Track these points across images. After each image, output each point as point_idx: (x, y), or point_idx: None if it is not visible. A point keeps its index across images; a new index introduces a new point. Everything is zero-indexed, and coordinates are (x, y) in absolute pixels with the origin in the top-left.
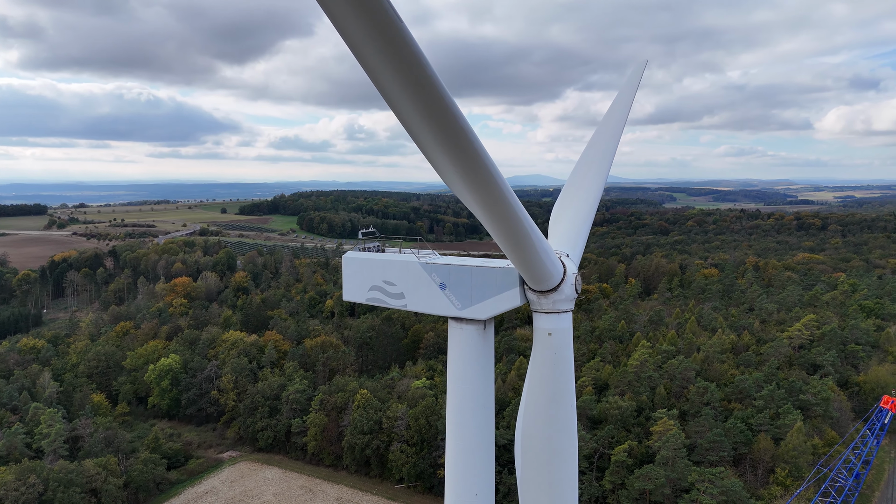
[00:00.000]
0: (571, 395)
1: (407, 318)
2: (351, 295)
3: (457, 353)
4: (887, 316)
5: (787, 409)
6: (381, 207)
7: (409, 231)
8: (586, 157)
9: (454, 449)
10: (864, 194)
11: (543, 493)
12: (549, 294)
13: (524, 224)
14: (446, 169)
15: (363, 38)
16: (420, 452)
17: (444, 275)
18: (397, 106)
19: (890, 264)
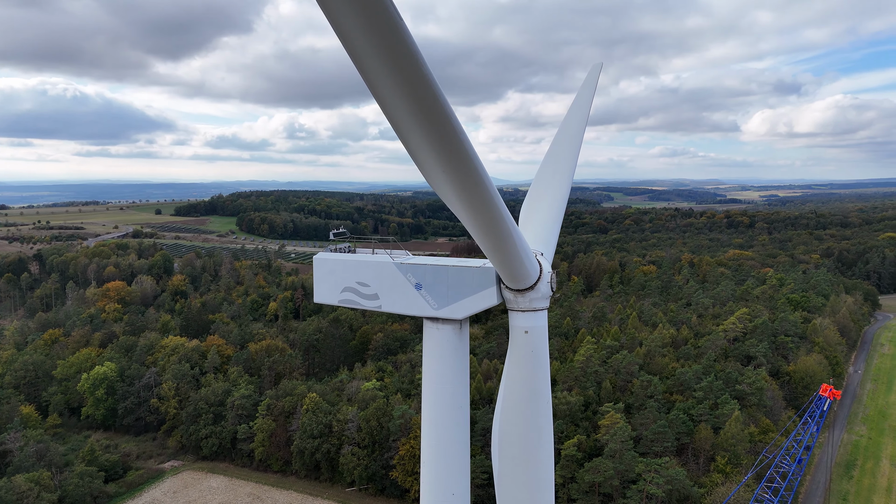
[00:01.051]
0: (548, 392)
1: (355, 320)
2: (322, 297)
3: (433, 353)
4: (813, 308)
5: (724, 400)
6: (323, 208)
7: (354, 231)
8: (551, 158)
9: (430, 449)
10: (787, 193)
11: (521, 489)
12: (527, 292)
13: (507, 224)
14: (433, 168)
15: (360, 34)
16: (372, 454)
17: (419, 275)
18: (388, 103)
19: (813, 259)
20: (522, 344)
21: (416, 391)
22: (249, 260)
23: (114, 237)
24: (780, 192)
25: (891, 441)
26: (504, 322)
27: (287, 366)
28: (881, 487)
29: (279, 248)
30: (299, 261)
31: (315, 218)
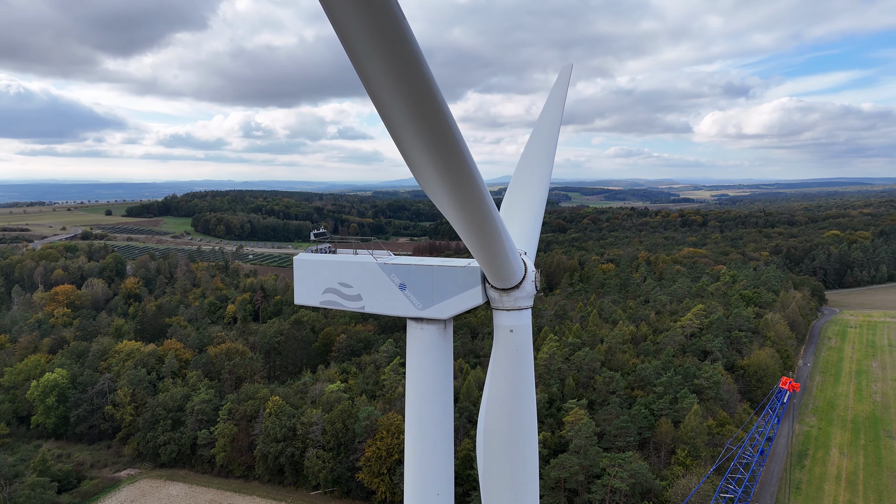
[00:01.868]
0: (532, 389)
1: (317, 321)
2: (303, 298)
3: (417, 354)
4: (764, 304)
5: (683, 394)
6: (282, 208)
7: None
8: (527, 159)
9: (415, 449)
10: (737, 193)
11: (506, 487)
12: (512, 291)
13: (497, 224)
14: (425, 167)
15: (363, 31)
16: (337, 457)
17: (403, 275)
18: (384, 100)
19: (763, 257)
20: (507, 343)
21: (381, 392)
22: (206, 261)
23: (62, 239)
24: (730, 192)
25: (839, 431)
26: (468, 321)
27: (248, 369)
28: (831, 475)
29: (237, 249)
30: (257, 262)
31: (273, 218)
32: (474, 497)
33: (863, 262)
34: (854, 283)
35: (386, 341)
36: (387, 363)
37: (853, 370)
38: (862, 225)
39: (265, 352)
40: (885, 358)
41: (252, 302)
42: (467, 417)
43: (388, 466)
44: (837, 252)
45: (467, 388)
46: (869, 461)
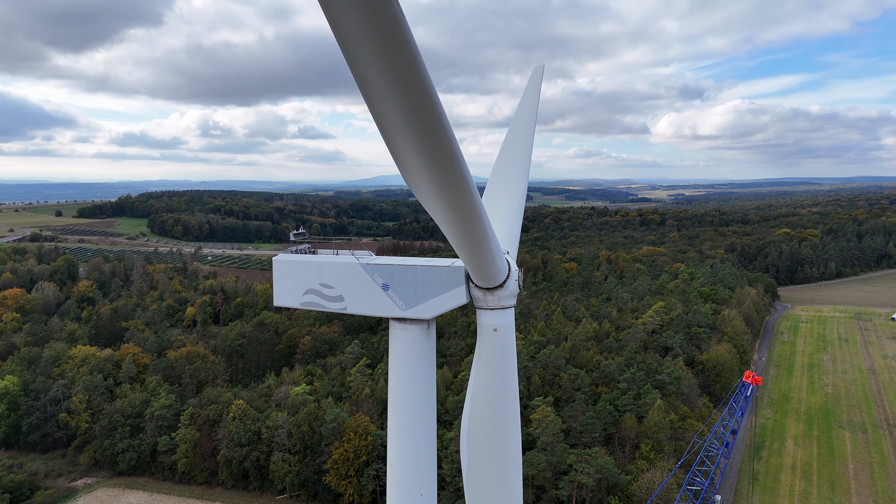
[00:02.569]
0: (516, 389)
1: (280, 323)
2: (283, 300)
3: (400, 354)
4: (721, 300)
5: (646, 390)
6: (241, 208)
7: (275, 232)
8: (504, 159)
9: (397, 451)
10: (693, 192)
11: (491, 488)
12: (496, 290)
13: (485, 224)
14: (415, 165)
15: (358, 24)
16: (304, 460)
17: (386, 275)
18: (377, 96)
19: (718, 254)
20: (491, 342)
21: (348, 394)
22: (163, 263)
23: (9, 241)
24: (686, 191)
25: (794, 423)
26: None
27: (210, 373)
28: (787, 466)
29: (195, 250)
30: (217, 263)
31: (232, 219)
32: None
33: (812, 259)
34: (804, 280)
35: (352, 342)
36: (353, 364)
37: (805, 364)
38: (811, 223)
39: (227, 355)
40: (835, 351)
41: (212, 304)
42: None
43: (356, 468)
44: (788, 250)
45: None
46: (822, 451)
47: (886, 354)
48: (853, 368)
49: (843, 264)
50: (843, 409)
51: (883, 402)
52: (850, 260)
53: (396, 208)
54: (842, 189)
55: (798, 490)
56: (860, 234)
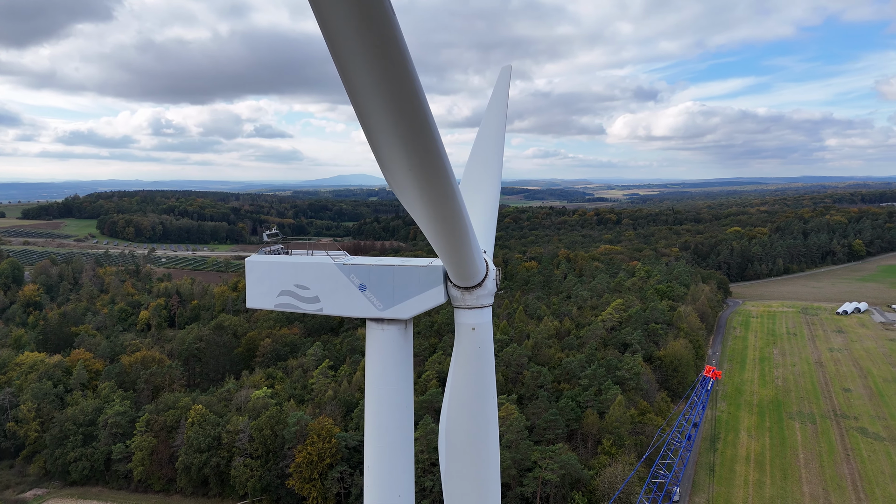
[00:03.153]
0: (494, 388)
1: (239, 326)
2: (256, 301)
3: (377, 355)
4: (676, 297)
5: (607, 386)
6: (196, 209)
7: (231, 233)
8: (476, 159)
9: (375, 452)
10: (647, 192)
11: (470, 486)
12: (474, 290)
13: (467, 223)
14: (398, 163)
15: (346, 21)
16: (266, 465)
17: (363, 275)
18: (361, 91)
19: (673, 252)
20: (469, 341)
21: (310, 396)
22: (115, 266)
23: None
24: (640, 191)
25: (747, 415)
26: (344, 323)
27: (166, 378)
28: (741, 457)
29: (148, 252)
30: (171, 265)
31: (187, 219)
32: None
33: (761, 256)
34: (754, 276)
35: (313, 344)
36: (315, 367)
37: (757, 357)
38: (760, 222)
39: (184, 359)
40: (784, 345)
41: (167, 307)
42: None
43: (320, 471)
44: (739, 247)
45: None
46: (774, 442)
47: (832, 347)
48: (801, 361)
49: (790, 261)
50: (793, 401)
51: (830, 393)
52: (797, 257)
53: (356, 208)
54: (788, 189)
55: (752, 480)
56: (806, 232)
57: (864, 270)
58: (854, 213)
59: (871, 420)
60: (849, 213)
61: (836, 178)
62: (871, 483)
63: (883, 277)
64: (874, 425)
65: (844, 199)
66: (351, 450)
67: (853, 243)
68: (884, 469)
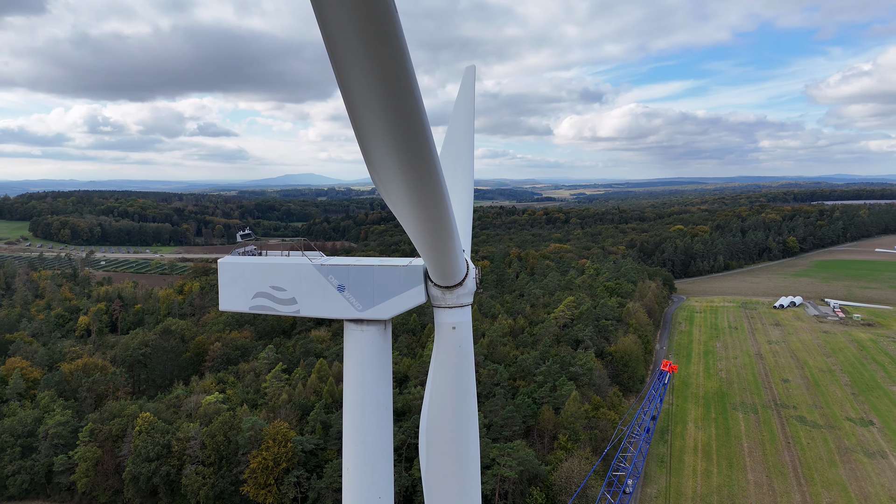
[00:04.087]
0: (474, 386)
1: (187, 330)
2: (230, 304)
3: (357, 356)
4: (625, 294)
5: (562, 382)
6: (137, 209)
7: (174, 234)
8: (447, 159)
9: (354, 454)
10: (593, 192)
11: (451, 484)
12: (455, 289)
13: (452, 222)
14: (388, 162)
15: (347, 20)
16: (219, 472)
17: (342, 276)
18: (357, 91)
19: (620, 250)
20: (450, 340)
21: (264, 401)
22: (50, 269)
23: None
24: (587, 191)
25: (693, 407)
26: (296, 325)
27: (110, 385)
28: (689, 448)
29: (87, 255)
30: (112, 268)
31: (127, 221)
32: None
33: (703, 253)
34: (697, 273)
35: (266, 347)
36: (268, 370)
37: (701, 351)
38: (701, 220)
39: (129, 365)
40: (726, 339)
41: (109, 312)
42: None
43: (276, 476)
44: (682, 245)
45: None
46: (720, 432)
47: (771, 340)
48: (743, 354)
49: (730, 258)
50: (736, 392)
51: (770, 384)
52: (736, 253)
53: (305, 208)
54: (726, 188)
55: (700, 469)
56: (744, 230)
57: (798, 266)
58: (788, 212)
59: (808, 409)
60: (783, 211)
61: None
62: (811, 469)
63: (816, 273)
64: (812, 414)
65: (778, 199)
66: (307, 453)
67: (787, 240)
68: (821, 455)
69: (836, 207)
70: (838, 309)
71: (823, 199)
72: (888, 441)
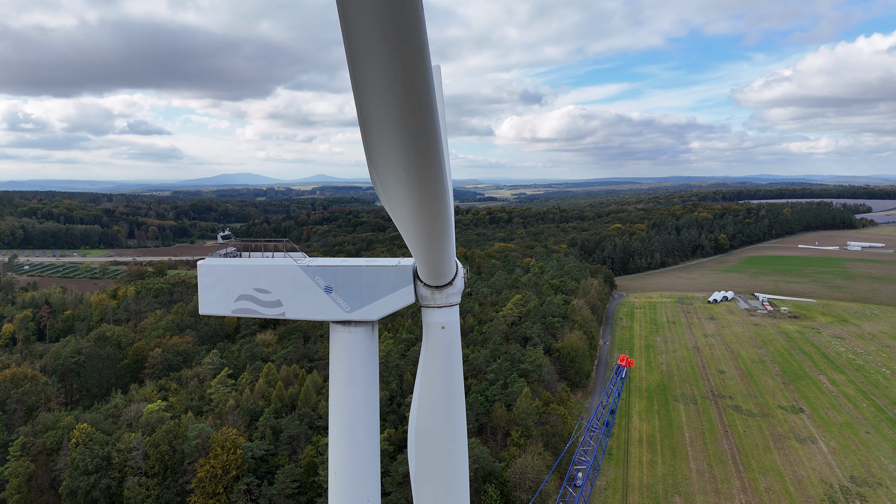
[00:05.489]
0: (462, 386)
1: (124, 336)
2: (212, 307)
3: (344, 358)
4: (569, 291)
5: (513, 379)
6: (63, 211)
7: (105, 236)
8: None
9: (342, 456)
10: (534, 192)
11: (440, 485)
12: (445, 288)
13: (451, 222)
14: (392, 160)
15: (371, 16)
16: (164, 482)
17: (329, 277)
18: (372, 88)
19: (562, 249)
20: (440, 340)
21: (210, 407)
22: None
23: None
24: (527, 191)
25: (637, 400)
26: (299, 325)
27: (41, 396)
28: (635, 439)
29: (9, 259)
30: (37, 273)
31: (52, 223)
32: None
33: (641, 251)
34: (635, 269)
35: (210, 353)
36: (212, 376)
37: (643, 345)
38: (638, 219)
39: (61, 375)
40: (665, 333)
41: (36, 319)
42: (308, 424)
43: (225, 484)
44: (621, 243)
45: (305, 394)
46: (663, 423)
47: (706, 333)
48: (681, 347)
49: (666, 255)
50: (676, 385)
51: (707, 375)
52: (672, 251)
53: (243, 209)
54: (659, 188)
55: (646, 460)
56: (678, 228)
57: (728, 262)
58: (718, 210)
59: (743, 398)
60: (714, 210)
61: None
62: (748, 455)
63: (745, 268)
64: (746, 403)
65: (708, 198)
66: (258, 460)
67: (718, 238)
68: (757, 442)
69: (762, 206)
70: (767, 302)
71: (749, 199)
72: (817, 427)
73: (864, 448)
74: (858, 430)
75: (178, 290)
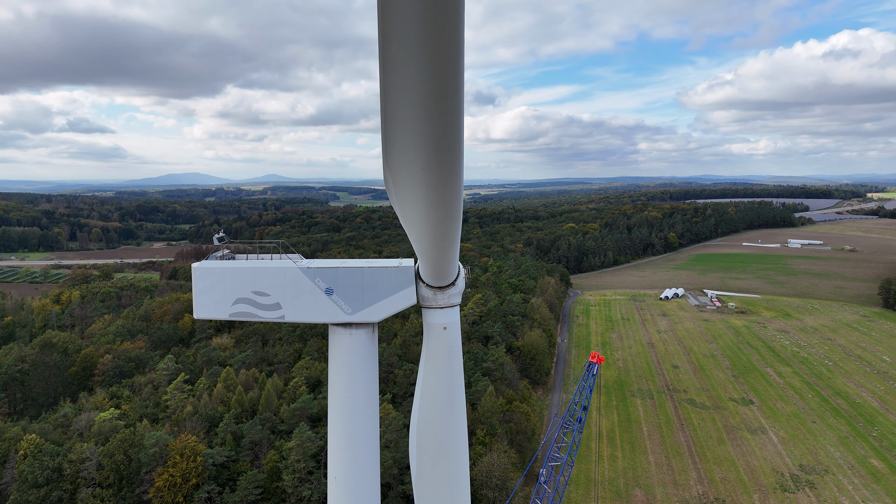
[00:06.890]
0: (463, 386)
1: (71, 343)
2: (207, 311)
3: (344, 361)
4: (527, 290)
5: (477, 378)
6: None
7: (44, 239)
8: None
9: (342, 460)
10: (488, 192)
11: (441, 486)
12: (447, 289)
13: (460, 223)
14: (410, 159)
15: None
16: (119, 493)
17: (330, 279)
18: (403, 84)
19: (518, 248)
20: (441, 341)
21: (166, 414)
22: None
23: None
24: (482, 191)
25: (596, 396)
26: (257, 328)
27: None
28: (595, 435)
29: None
30: None
31: None
32: None
33: (594, 249)
34: (589, 268)
35: (164, 358)
36: (168, 382)
37: (599, 342)
38: (591, 218)
39: (3, 384)
40: (620, 330)
41: None
42: (270, 428)
43: (185, 493)
44: (575, 242)
45: (266, 398)
46: (621, 418)
47: (660, 329)
48: (636, 344)
49: (618, 253)
50: (633, 380)
51: (662, 370)
52: (624, 249)
53: (192, 210)
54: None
55: (607, 454)
56: (630, 227)
57: (678, 260)
58: (667, 210)
59: (697, 392)
60: (662, 209)
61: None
62: (703, 447)
63: (694, 265)
64: (700, 396)
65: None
66: (219, 467)
67: (668, 236)
68: (711, 434)
69: (708, 206)
70: (715, 299)
71: (695, 198)
72: (767, 418)
73: (812, 437)
74: (805, 420)
75: (127, 294)
